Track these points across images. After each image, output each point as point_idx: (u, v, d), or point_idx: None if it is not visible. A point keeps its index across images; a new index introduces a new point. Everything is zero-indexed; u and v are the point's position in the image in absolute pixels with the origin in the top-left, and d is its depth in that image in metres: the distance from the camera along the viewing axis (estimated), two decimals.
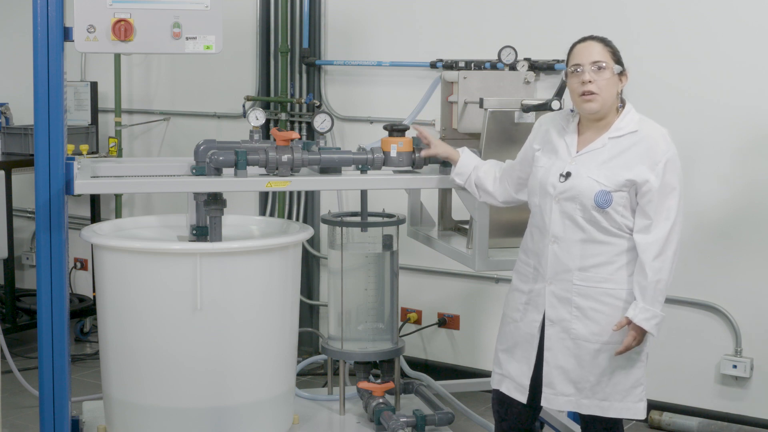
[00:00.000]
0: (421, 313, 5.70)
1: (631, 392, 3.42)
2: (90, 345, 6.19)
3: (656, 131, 3.36)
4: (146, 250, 3.81)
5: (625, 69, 3.38)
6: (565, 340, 3.42)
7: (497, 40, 4.62)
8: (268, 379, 3.95)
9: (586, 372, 3.41)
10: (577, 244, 3.37)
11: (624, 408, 3.42)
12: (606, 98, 3.34)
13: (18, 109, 6.49)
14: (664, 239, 3.29)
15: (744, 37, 4.69)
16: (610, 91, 3.35)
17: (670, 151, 3.32)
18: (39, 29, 3.53)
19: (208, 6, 3.67)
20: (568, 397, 3.45)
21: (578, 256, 3.37)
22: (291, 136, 3.78)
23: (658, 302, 3.32)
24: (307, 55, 5.79)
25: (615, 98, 3.37)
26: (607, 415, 3.43)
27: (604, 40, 3.42)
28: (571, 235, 3.38)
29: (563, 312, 3.41)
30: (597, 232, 3.35)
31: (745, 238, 4.77)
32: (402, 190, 4.68)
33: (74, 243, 5.21)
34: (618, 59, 3.38)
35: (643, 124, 3.38)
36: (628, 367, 3.40)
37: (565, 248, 3.39)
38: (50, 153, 3.57)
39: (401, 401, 4.39)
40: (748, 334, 4.80)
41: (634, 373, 3.42)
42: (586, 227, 3.35)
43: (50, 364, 3.67)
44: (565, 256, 3.39)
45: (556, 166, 3.42)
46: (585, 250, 3.37)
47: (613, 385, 3.40)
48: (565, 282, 3.40)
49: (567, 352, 3.43)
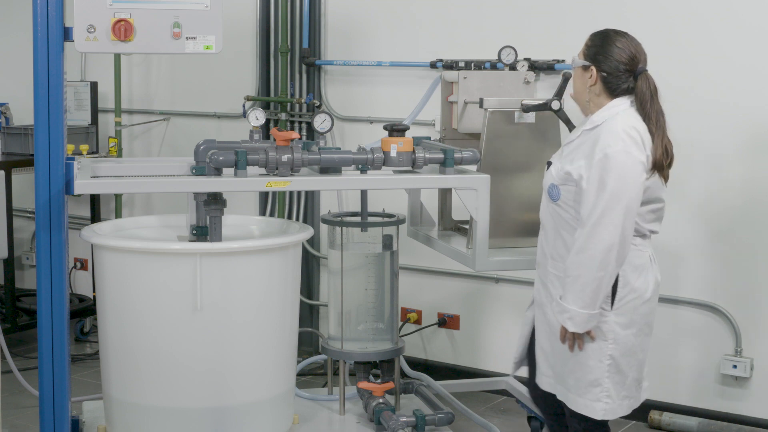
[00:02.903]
0: (421, 313, 5.70)
1: (589, 390, 3.43)
2: (90, 345, 6.19)
3: (613, 126, 3.32)
4: (146, 250, 3.81)
5: (590, 64, 3.40)
6: (544, 323, 3.56)
7: (497, 40, 4.63)
8: (268, 379, 3.95)
9: (557, 357, 3.51)
10: (551, 232, 3.53)
11: (582, 403, 3.45)
12: (575, 89, 3.52)
13: (18, 109, 6.49)
14: (585, 236, 3.28)
15: (744, 37, 4.69)
16: (575, 82, 3.51)
17: (611, 147, 3.26)
18: (39, 29, 3.53)
19: (208, 6, 3.67)
20: (549, 378, 3.56)
21: (552, 245, 3.52)
22: (291, 136, 3.78)
23: (575, 298, 3.31)
24: (307, 55, 5.79)
25: (582, 91, 3.46)
26: (568, 405, 3.50)
27: (593, 33, 3.48)
28: (547, 223, 3.56)
29: (543, 296, 3.57)
30: (561, 224, 3.47)
31: (745, 238, 4.76)
32: (402, 190, 4.68)
33: (74, 243, 5.21)
34: (590, 54, 3.41)
35: (611, 120, 3.35)
36: (585, 364, 3.42)
37: (544, 236, 3.57)
38: (50, 153, 3.56)
39: (401, 401, 4.39)
40: (748, 334, 4.80)
41: (592, 371, 3.41)
42: (553, 218, 3.50)
43: (50, 364, 3.67)
44: (544, 243, 3.57)
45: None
46: (555, 239, 3.50)
47: (575, 379, 3.45)
48: (543, 267, 3.58)
49: (545, 336, 3.56)
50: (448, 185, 3.95)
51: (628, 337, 3.42)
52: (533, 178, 4.18)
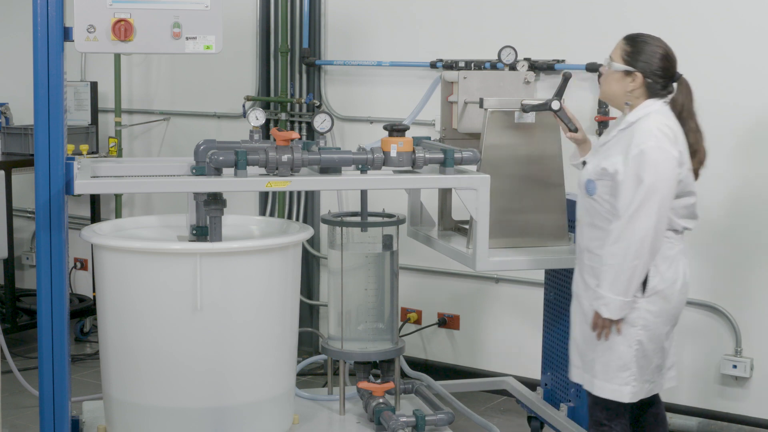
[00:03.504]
0: (421, 313, 5.70)
1: (617, 374, 3.58)
2: (90, 345, 6.19)
3: (647, 124, 3.49)
4: (146, 250, 3.81)
5: (635, 70, 3.54)
6: (578, 313, 3.71)
7: (497, 40, 4.63)
8: (268, 379, 3.95)
9: (587, 346, 3.65)
10: (587, 227, 3.68)
11: (610, 389, 3.59)
12: (605, 92, 3.64)
13: (18, 109, 6.49)
14: (621, 227, 3.45)
15: (744, 37, 4.69)
16: (610, 86, 3.60)
17: (646, 144, 3.43)
18: (39, 29, 3.53)
19: (208, 6, 3.67)
20: (578, 369, 3.72)
21: (587, 238, 3.67)
22: (291, 136, 3.78)
23: (611, 286, 3.47)
24: (307, 55, 5.79)
25: (620, 94, 3.59)
26: (593, 392, 3.63)
27: (630, 38, 3.62)
28: (582, 218, 3.71)
29: (580, 287, 3.70)
30: (596, 218, 3.62)
31: (745, 238, 4.77)
32: (402, 190, 4.68)
33: (74, 243, 5.21)
34: (630, 59, 3.56)
35: (645, 119, 3.53)
36: (615, 349, 3.56)
37: (581, 230, 3.72)
38: (50, 153, 3.56)
39: (401, 401, 4.39)
40: (748, 334, 4.81)
41: (621, 356, 3.56)
42: (589, 212, 3.65)
43: (50, 364, 3.66)
44: (580, 237, 3.73)
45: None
46: (591, 233, 3.65)
47: (603, 364, 3.59)
48: (580, 261, 3.72)
49: (578, 325, 3.71)
50: (448, 185, 3.95)
51: (657, 325, 3.57)
52: (533, 177, 4.18)
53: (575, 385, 4.29)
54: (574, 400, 4.33)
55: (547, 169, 4.17)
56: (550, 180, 4.18)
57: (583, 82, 5.02)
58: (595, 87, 5.00)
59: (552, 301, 4.52)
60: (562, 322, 4.40)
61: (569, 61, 5.06)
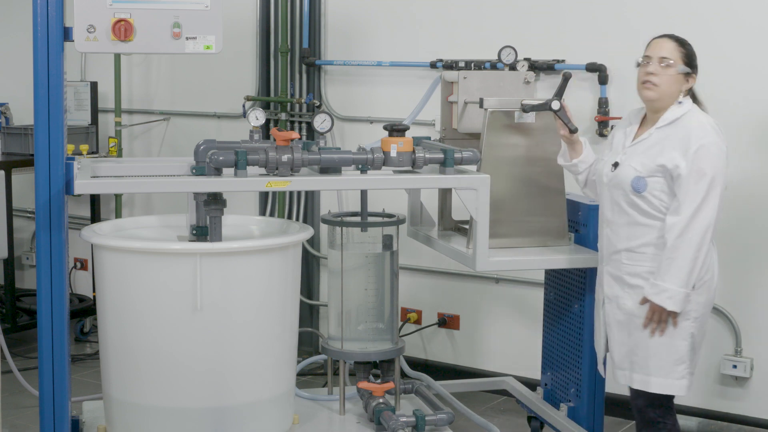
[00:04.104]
0: (421, 313, 5.70)
1: (674, 369, 3.66)
2: (90, 345, 6.19)
3: (696, 120, 3.64)
4: (146, 250, 3.81)
5: (693, 71, 3.67)
6: (617, 314, 3.75)
7: (497, 40, 4.63)
8: (268, 379, 3.95)
9: (634, 345, 3.70)
10: (624, 227, 3.71)
11: (667, 384, 3.67)
12: (664, 92, 3.68)
13: (18, 109, 6.49)
14: (687, 220, 3.54)
15: (744, 37, 4.69)
16: (671, 87, 3.66)
17: (705, 138, 3.57)
18: (39, 29, 3.52)
19: (208, 6, 3.67)
20: (624, 371, 3.74)
21: (625, 238, 3.70)
22: (291, 136, 3.78)
23: (674, 278, 3.55)
24: (307, 55, 5.79)
25: (675, 94, 3.68)
26: (650, 390, 3.68)
27: (680, 40, 3.71)
28: (618, 219, 3.73)
29: (617, 289, 3.75)
30: (639, 216, 3.67)
31: (745, 238, 4.76)
32: (402, 190, 4.68)
33: (74, 243, 5.21)
34: (689, 62, 3.67)
35: (690, 114, 3.65)
36: (669, 343, 3.64)
37: (615, 231, 3.74)
38: (50, 153, 3.56)
39: (401, 401, 4.39)
40: (748, 334, 4.81)
41: (677, 350, 3.65)
42: (630, 211, 3.68)
43: (50, 364, 3.66)
44: (615, 238, 3.74)
45: (611, 157, 3.79)
46: (631, 232, 3.69)
47: (658, 361, 3.65)
48: (617, 262, 3.75)
49: (620, 327, 3.75)
50: (448, 185, 3.95)
51: (704, 316, 3.72)
52: (533, 177, 4.18)
53: (575, 385, 4.29)
54: (574, 400, 4.32)
55: (547, 169, 4.17)
56: (550, 180, 4.18)
57: (583, 82, 5.02)
58: (595, 87, 5.02)
59: (552, 301, 4.52)
60: (562, 322, 4.40)
61: (569, 61, 5.06)
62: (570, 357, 4.34)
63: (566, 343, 4.38)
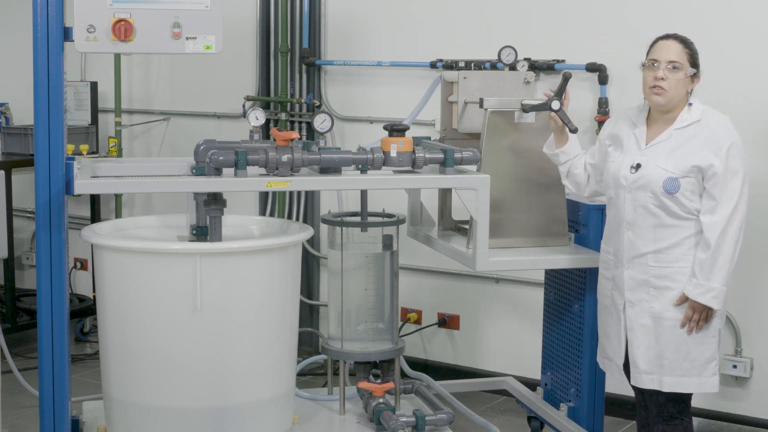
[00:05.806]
0: (421, 313, 5.70)
1: (706, 367, 3.66)
2: (90, 345, 6.19)
3: (717, 119, 3.67)
4: (146, 250, 3.81)
5: (698, 71, 3.67)
6: (643, 318, 3.69)
7: (497, 40, 4.63)
8: (268, 379, 3.95)
9: (664, 348, 3.66)
10: (649, 229, 3.67)
11: (701, 383, 3.67)
12: (674, 95, 3.66)
13: (18, 109, 6.49)
14: (727, 218, 3.59)
15: (744, 37, 4.69)
16: (680, 89, 3.66)
17: (733, 136, 3.62)
18: (39, 29, 3.53)
19: (208, 6, 3.67)
20: (651, 375, 3.69)
21: (651, 240, 3.66)
22: (291, 136, 3.78)
23: (717, 277, 3.58)
24: (307, 55, 5.79)
25: (684, 96, 3.68)
26: (687, 390, 3.67)
27: (685, 41, 3.70)
28: (642, 221, 3.67)
29: (642, 293, 3.69)
30: (668, 217, 3.64)
31: (745, 238, 4.75)
32: (402, 190, 4.68)
33: (74, 243, 5.21)
34: (694, 62, 3.68)
35: (706, 114, 3.67)
36: (701, 342, 3.64)
37: (639, 234, 3.68)
38: (50, 153, 3.56)
39: (401, 401, 4.39)
40: (748, 334, 4.80)
41: (708, 348, 3.65)
42: (658, 213, 3.65)
43: (50, 364, 3.66)
44: (639, 241, 3.68)
45: (627, 159, 3.73)
46: (657, 234, 3.66)
47: (690, 361, 3.65)
48: (642, 265, 3.69)
49: (646, 331, 3.69)
50: (448, 185, 3.95)
51: (725, 310, 3.72)
52: (533, 177, 4.18)
53: (575, 385, 4.29)
54: (574, 400, 4.33)
55: (547, 169, 4.17)
56: (550, 180, 4.18)
57: (583, 82, 5.02)
58: (595, 87, 5.02)
59: (552, 301, 4.52)
60: (562, 322, 4.40)
61: (569, 61, 5.06)
62: (570, 357, 4.34)
63: (566, 343, 4.38)
